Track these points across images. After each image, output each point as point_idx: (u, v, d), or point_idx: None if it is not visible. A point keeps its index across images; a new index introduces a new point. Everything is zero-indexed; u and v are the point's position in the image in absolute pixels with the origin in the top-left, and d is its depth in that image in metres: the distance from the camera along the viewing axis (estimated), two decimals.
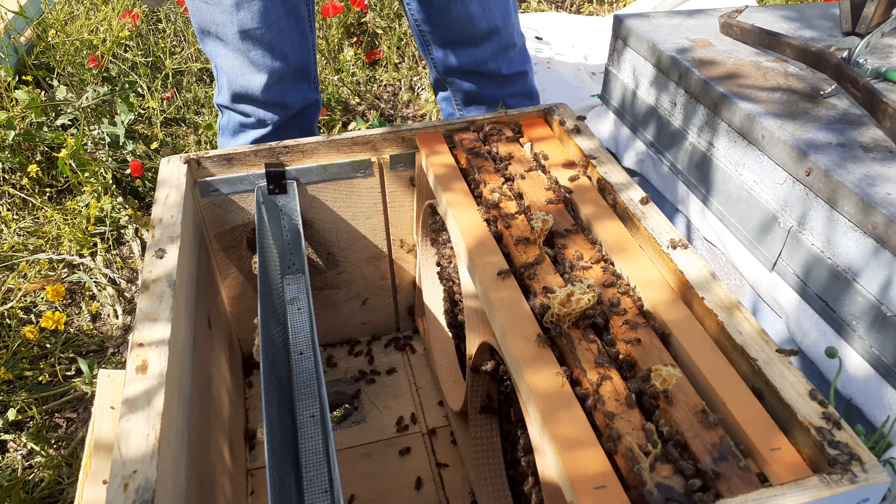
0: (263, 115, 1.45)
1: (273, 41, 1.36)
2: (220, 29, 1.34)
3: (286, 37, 1.37)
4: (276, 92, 1.42)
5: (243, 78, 1.39)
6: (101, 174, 2.01)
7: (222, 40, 1.36)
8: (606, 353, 0.78)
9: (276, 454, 0.86)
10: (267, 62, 1.37)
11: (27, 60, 2.32)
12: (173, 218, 0.99)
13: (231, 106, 1.46)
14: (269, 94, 1.41)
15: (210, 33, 1.37)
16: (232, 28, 1.33)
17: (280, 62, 1.38)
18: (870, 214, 0.94)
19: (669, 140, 1.40)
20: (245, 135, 1.49)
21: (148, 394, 0.73)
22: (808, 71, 1.31)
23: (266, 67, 1.38)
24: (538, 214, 0.94)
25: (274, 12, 1.33)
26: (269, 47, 1.36)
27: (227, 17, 1.32)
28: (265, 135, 1.48)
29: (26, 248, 1.88)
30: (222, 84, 1.45)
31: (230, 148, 1.16)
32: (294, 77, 1.43)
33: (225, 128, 1.52)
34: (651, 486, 0.63)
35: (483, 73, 1.53)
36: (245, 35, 1.33)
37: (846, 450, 0.65)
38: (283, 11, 1.35)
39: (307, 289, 1.04)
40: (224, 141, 1.54)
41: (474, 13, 1.43)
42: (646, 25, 1.49)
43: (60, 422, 1.51)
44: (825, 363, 1.06)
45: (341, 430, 1.31)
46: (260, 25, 1.33)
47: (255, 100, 1.42)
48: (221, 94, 1.47)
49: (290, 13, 1.36)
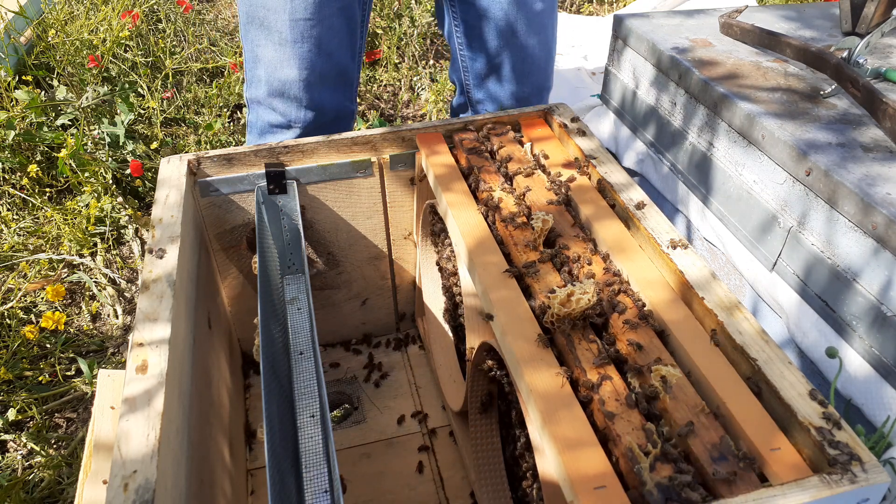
0: (296, 115, 1.41)
1: (321, 36, 1.33)
2: (269, 15, 1.31)
3: (334, 34, 1.35)
4: (315, 92, 1.39)
5: (284, 71, 1.36)
6: (101, 174, 2.01)
7: (269, 29, 1.32)
8: (606, 352, 0.78)
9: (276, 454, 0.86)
10: (312, 57, 1.34)
11: (27, 60, 2.32)
12: (173, 218, 0.99)
13: (265, 101, 1.41)
14: (307, 93, 1.38)
15: (257, 19, 1.33)
16: (283, 16, 1.29)
17: (324, 60, 1.36)
18: (870, 214, 0.94)
19: (669, 140, 1.40)
20: (273, 136, 1.46)
21: (148, 394, 0.73)
22: (808, 71, 1.31)
23: (309, 63, 1.34)
24: (538, 214, 0.94)
25: (328, 7, 1.31)
26: (316, 42, 1.33)
27: (280, 4, 1.29)
28: None
29: (26, 248, 1.88)
30: (259, 77, 1.40)
31: (230, 148, 1.16)
32: (336, 80, 1.40)
33: (253, 125, 1.48)
34: (651, 486, 0.63)
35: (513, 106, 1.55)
36: (295, 25, 1.30)
37: (846, 450, 0.65)
38: (336, 8, 1.32)
39: (307, 289, 1.04)
40: (252, 139, 1.51)
41: (522, 44, 1.43)
42: (646, 25, 1.49)
43: (60, 422, 1.51)
44: (825, 363, 1.06)
45: (341, 430, 1.31)
46: (311, 17, 1.30)
47: (292, 97, 1.39)
48: (256, 87, 1.42)
49: (343, 12, 1.34)
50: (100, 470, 1.00)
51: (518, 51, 1.44)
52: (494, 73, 1.48)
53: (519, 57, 1.45)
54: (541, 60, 1.48)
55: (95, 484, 0.98)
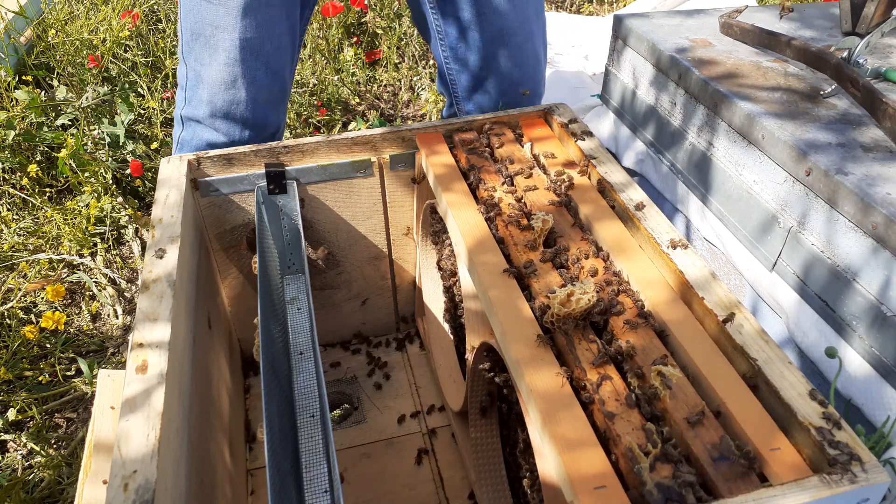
0: (240, 134, 1.35)
1: (271, 55, 1.28)
2: (217, 34, 1.25)
3: (282, 53, 1.30)
4: (261, 111, 1.33)
5: (230, 92, 1.29)
6: (101, 174, 2.01)
7: (215, 47, 1.26)
8: (606, 352, 0.78)
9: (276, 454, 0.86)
10: (260, 77, 1.29)
11: (27, 60, 2.32)
12: (173, 218, 0.99)
13: (205, 121, 1.33)
14: (253, 113, 1.32)
15: (202, 37, 1.26)
16: (232, 34, 1.24)
17: (271, 79, 1.31)
18: (870, 214, 0.94)
19: (669, 140, 1.40)
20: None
21: (148, 394, 0.73)
22: (808, 71, 1.31)
23: (257, 83, 1.30)
24: (538, 214, 0.94)
25: (277, 25, 1.27)
26: (265, 62, 1.28)
27: (231, 22, 1.23)
28: None
29: (26, 248, 1.88)
30: (200, 97, 1.31)
31: (230, 148, 1.16)
32: (280, 97, 1.36)
33: (187, 143, 1.38)
34: (651, 486, 0.63)
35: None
36: (245, 44, 1.25)
37: (846, 450, 0.65)
38: (285, 27, 1.28)
39: (307, 289, 1.05)
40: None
41: (510, 54, 1.39)
42: (646, 25, 1.49)
43: (60, 422, 1.51)
44: (825, 363, 1.06)
45: (341, 430, 1.31)
46: (261, 36, 1.26)
47: (237, 117, 1.32)
48: (196, 107, 1.33)
49: (290, 30, 1.31)
50: (100, 470, 1.00)
51: (506, 61, 1.40)
52: (482, 85, 1.44)
53: (507, 68, 1.41)
54: (529, 68, 1.44)
55: (95, 484, 0.98)
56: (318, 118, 2.40)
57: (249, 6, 1.23)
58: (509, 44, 1.38)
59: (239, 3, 1.22)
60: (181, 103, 1.37)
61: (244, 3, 1.22)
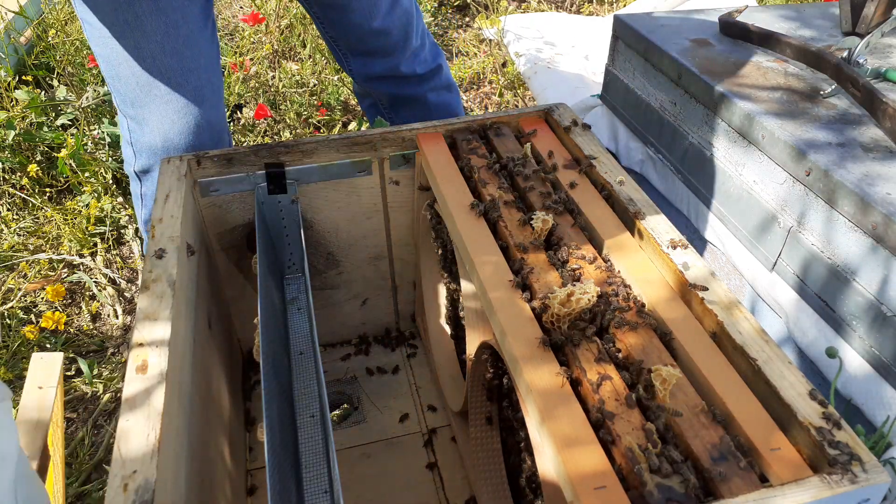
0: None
1: (205, 76, 1.22)
2: (152, 65, 1.17)
3: (216, 88, 1.26)
4: (216, 132, 1.28)
5: (181, 122, 1.22)
6: (101, 174, 2.01)
7: (150, 85, 1.18)
8: (606, 352, 0.78)
9: (276, 454, 0.86)
10: (207, 94, 1.24)
11: (27, 60, 2.32)
12: (173, 218, 0.99)
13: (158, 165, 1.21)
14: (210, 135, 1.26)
15: (135, 79, 1.18)
16: (161, 59, 1.16)
17: (216, 96, 1.26)
18: (869, 214, 0.94)
19: (669, 140, 1.40)
20: None
21: (148, 393, 0.73)
22: (808, 71, 1.31)
23: (206, 101, 1.24)
24: (538, 214, 0.94)
25: (201, 39, 1.21)
26: (207, 79, 1.23)
27: (157, 46, 1.15)
28: None
29: (26, 248, 1.88)
30: (152, 142, 1.24)
31: (230, 148, 1.16)
32: (221, 122, 1.30)
33: (149, 196, 1.31)
34: (651, 486, 0.63)
35: (400, 76, 1.57)
36: (179, 69, 1.18)
37: (846, 450, 0.65)
38: (207, 36, 1.23)
39: (307, 289, 1.05)
40: (148, 213, 1.33)
41: (378, 28, 1.45)
42: (646, 25, 1.49)
43: None
44: (825, 363, 1.06)
45: (341, 430, 1.31)
46: (192, 54, 1.19)
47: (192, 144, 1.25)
48: (149, 156, 1.26)
49: (216, 60, 1.26)
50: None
51: (380, 33, 1.46)
52: (368, 53, 1.52)
53: (383, 37, 1.47)
54: (401, 30, 1.49)
55: None
56: (318, 118, 2.40)
57: (168, 26, 1.16)
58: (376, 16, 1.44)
59: (155, 26, 1.14)
60: (130, 159, 1.30)
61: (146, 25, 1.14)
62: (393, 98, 1.64)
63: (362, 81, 1.61)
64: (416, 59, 1.58)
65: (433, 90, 1.65)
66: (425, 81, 1.62)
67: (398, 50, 1.53)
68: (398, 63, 1.54)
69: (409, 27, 1.52)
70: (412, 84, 1.61)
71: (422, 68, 1.59)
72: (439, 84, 1.66)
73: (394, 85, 1.60)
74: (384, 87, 1.61)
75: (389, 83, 1.60)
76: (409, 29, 1.52)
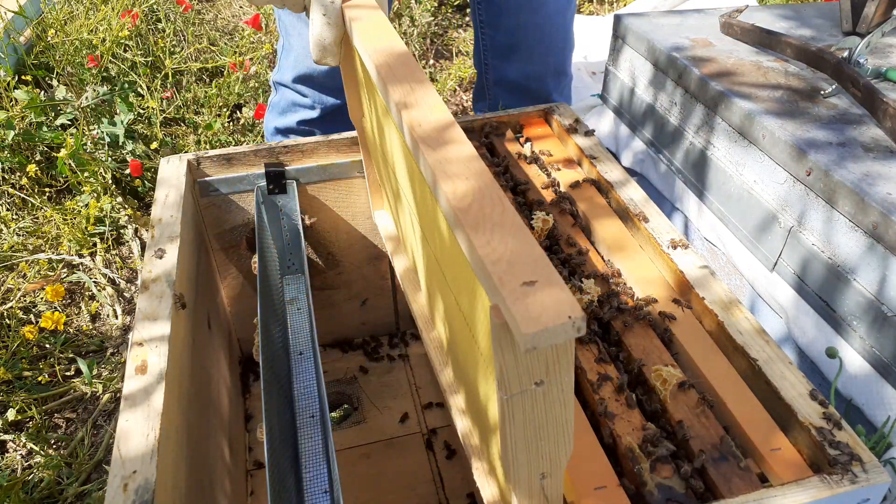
0: (320, 97, 1.48)
1: None
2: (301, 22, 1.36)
3: None
4: (339, 79, 1.44)
5: (310, 60, 1.38)
6: (100, 174, 2.00)
7: (301, 18, 1.37)
8: (606, 352, 0.78)
9: (276, 454, 0.86)
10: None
11: (27, 60, 2.31)
12: (173, 218, 0.99)
13: (290, 85, 1.49)
14: (332, 79, 1.43)
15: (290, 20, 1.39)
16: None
17: None
18: (870, 214, 0.94)
19: (669, 139, 1.40)
20: (295, 113, 1.53)
21: (147, 393, 0.73)
22: (808, 71, 1.31)
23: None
24: (538, 214, 0.94)
25: None
26: None
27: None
28: (312, 119, 1.51)
29: (26, 248, 1.88)
30: (287, 63, 1.47)
31: (230, 148, 1.16)
32: None
33: (276, 105, 1.55)
34: (651, 486, 0.63)
35: (532, 90, 1.57)
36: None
37: (846, 450, 0.65)
38: None
39: (307, 289, 1.04)
40: (272, 118, 1.58)
41: (540, 23, 1.47)
42: (645, 25, 1.49)
43: (60, 422, 1.51)
44: (825, 363, 1.05)
45: (341, 430, 1.31)
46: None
47: (317, 83, 1.45)
48: (283, 72, 1.49)
49: None
50: None
51: (537, 29, 1.48)
52: (513, 50, 1.52)
53: (538, 35, 1.49)
54: (558, 41, 1.52)
55: None
56: None
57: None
58: (542, 12, 1.47)
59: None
60: (275, 70, 1.55)
61: None
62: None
63: (492, 82, 1.60)
64: (556, 81, 1.58)
65: None
66: None
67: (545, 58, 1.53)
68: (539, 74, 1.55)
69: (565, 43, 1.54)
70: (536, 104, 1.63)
71: (557, 95, 1.61)
72: None
73: (519, 97, 1.58)
74: (508, 97, 1.59)
75: (516, 94, 1.58)
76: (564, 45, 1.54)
